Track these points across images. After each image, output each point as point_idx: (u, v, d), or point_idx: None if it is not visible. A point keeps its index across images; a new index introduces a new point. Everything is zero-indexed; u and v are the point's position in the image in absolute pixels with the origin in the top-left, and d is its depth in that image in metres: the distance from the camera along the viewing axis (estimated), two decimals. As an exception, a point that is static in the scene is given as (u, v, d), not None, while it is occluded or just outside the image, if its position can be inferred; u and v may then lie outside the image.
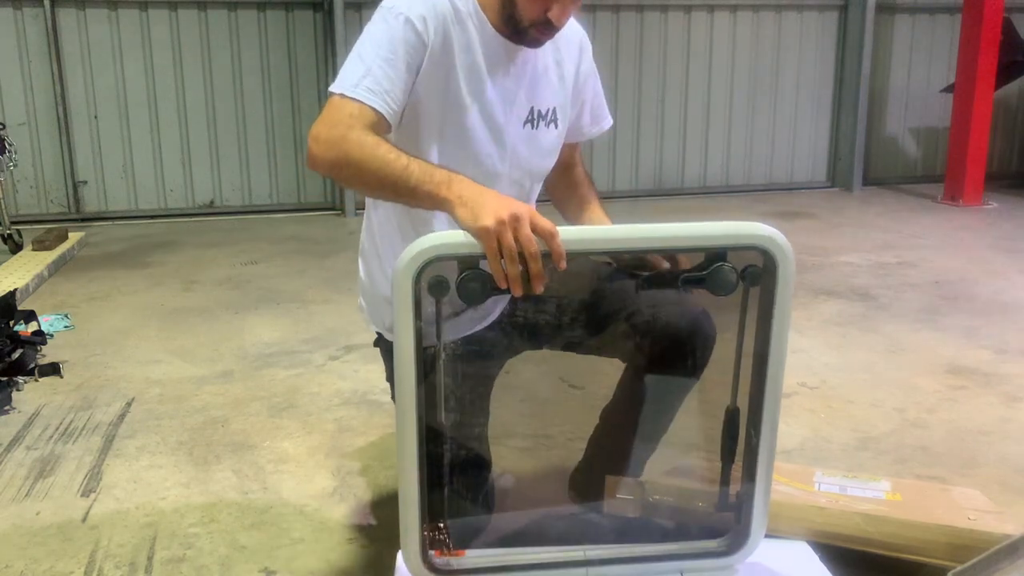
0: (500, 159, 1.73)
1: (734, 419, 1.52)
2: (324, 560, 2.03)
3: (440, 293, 1.34)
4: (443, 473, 1.55)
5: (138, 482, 2.46)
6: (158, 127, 6.64)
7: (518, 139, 1.74)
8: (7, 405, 2.96)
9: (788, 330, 1.45)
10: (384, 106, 1.54)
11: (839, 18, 7.91)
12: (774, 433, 1.48)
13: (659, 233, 1.39)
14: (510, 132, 1.72)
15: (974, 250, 5.45)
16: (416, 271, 1.32)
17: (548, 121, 1.78)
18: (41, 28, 6.30)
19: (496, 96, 1.69)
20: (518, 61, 1.70)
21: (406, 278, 1.32)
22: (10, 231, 5.31)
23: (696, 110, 7.73)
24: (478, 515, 1.72)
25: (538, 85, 1.75)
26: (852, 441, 2.68)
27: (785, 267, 1.40)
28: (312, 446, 2.67)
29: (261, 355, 3.53)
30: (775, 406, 1.46)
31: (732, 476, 1.55)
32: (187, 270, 5.03)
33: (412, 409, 1.39)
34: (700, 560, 1.56)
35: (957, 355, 3.45)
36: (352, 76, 1.55)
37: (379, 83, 1.54)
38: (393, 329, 1.35)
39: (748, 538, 1.54)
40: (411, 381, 1.38)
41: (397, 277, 1.33)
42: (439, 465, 1.53)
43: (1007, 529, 1.74)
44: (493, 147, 1.71)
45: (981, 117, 6.87)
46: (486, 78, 1.67)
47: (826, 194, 7.85)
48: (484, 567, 1.54)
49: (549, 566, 1.57)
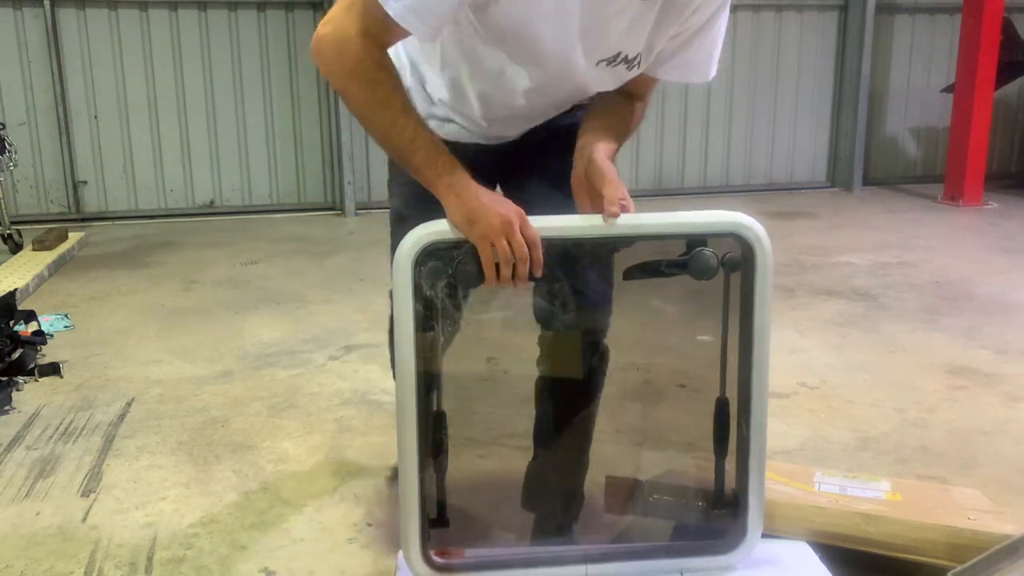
0: (556, 86, 1.57)
1: (724, 409, 1.54)
2: (324, 560, 2.03)
3: (437, 277, 1.40)
4: (444, 467, 1.53)
5: (138, 482, 2.46)
6: (158, 127, 6.64)
7: (587, 72, 1.53)
8: (7, 405, 2.96)
9: (769, 318, 1.47)
10: (426, 30, 1.34)
11: (839, 18, 7.90)
12: (764, 424, 1.49)
13: (640, 222, 1.43)
14: (582, 67, 1.51)
15: (974, 250, 5.45)
16: (415, 256, 1.37)
17: (631, 64, 1.54)
18: (41, 28, 6.30)
19: (582, 33, 1.44)
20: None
21: (406, 263, 1.36)
22: (10, 231, 5.31)
23: (696, 110, 7.73)
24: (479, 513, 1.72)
25: (635, 27, 1.46)
26: (852, 441, 2.68)
27: (762, 254, 1.44)
28: (312, 446, 2.67)
29: (261, 355, 3.53)
30: (762, 395, 1.48)
31: (727, 469, 1.57)
32: (187, 270, 5.03)
33: (412, 398, 1.40)
34: (700, 558, 1.56)
35: (957, 355, 3.45)
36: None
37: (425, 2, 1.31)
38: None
39: (746, 535, 1.54)
40: (411, 368, 1.39)
41: (398, 262, 1.38)
42: (440, 456, 1.52)
43: (1007, 529, 1.74)
44: (556, 75, 1.53)
45: (981, 117, 6.87)
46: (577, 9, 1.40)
47: (826, 194, 7.85)
48: (484, 564, 1.55)
49: (548, 563, 1.57)
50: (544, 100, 1.64)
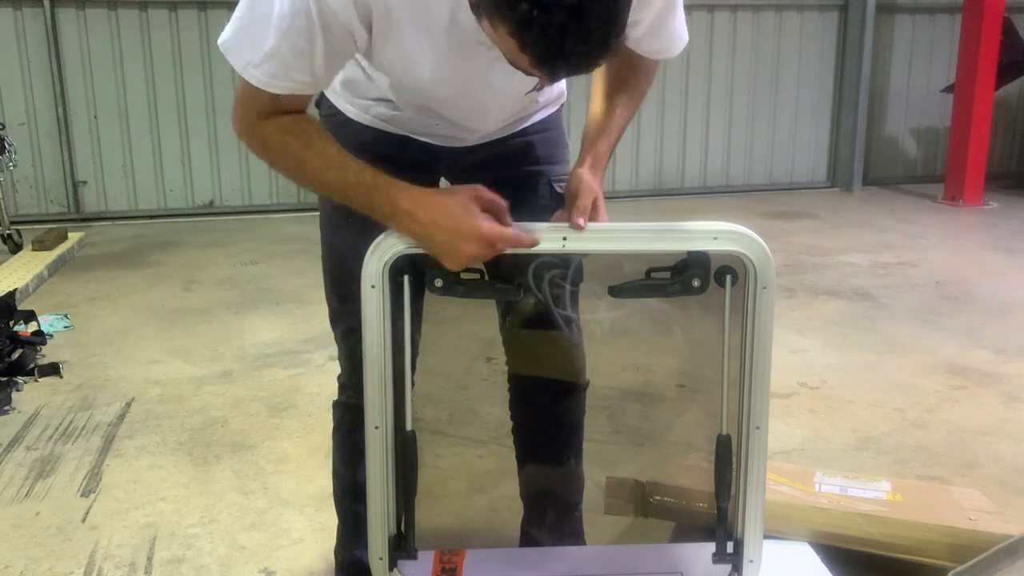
0: (469, 104, 1.48)
1: (726, 447, 1.38)
2: (324, 560, 2.03)
3: (407, 281, 1.34)
4: (412, 475, 1.45)
5: (138, 482, 2.45)
6: (158, 127, 6.63)
7: (497, 98, 1.47)
8: (7, 405, 2.96)
9: (770, 346, 1.32)
10: (301, 86, 1.29)
11: (839, 18, 7.90)
12: (763, 462, 1.36)
13: (632, 231, 1.32)
14: (482, 98, 1.46)
15: (974, 250, 5.45)
16: (386, 263, 1.32)
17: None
18: (41, 28, 6.29)
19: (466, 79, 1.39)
20: None
21: (377, 270, 1.32)
22: (10, 231, 5.31)
23: (696, 110, 7.73)
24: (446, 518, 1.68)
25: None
26: (852, 441, 2.68)
27: (764, 273, 1.29)
28: (312, 446, 2.67)
29: (261, 355, 3.52)
30: (762, 429, 1.34)
31: (730, 512, 1.42)
32: (187, 270, 5.03)
33: (379, 408, 1.37)
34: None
35: (957, 355, 3.45)
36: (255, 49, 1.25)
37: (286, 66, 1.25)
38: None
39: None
40: (379, 377, 1.35)
41: (369, 267, 1.32)
42: (409, 467, 1.44)
43: (1007, 529, 1.74)
44: (464, 100, 1.45)
45: (981, 117, 6.87)
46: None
47: (826, 194, 7.85)
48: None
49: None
50: (472, 110, 1.49)
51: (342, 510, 1.78)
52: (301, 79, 1.27)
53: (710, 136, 7.82)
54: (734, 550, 1.43)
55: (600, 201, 1.40)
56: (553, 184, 1.62)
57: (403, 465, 1.40)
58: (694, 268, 1.31)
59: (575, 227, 1.32)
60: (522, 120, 1.61)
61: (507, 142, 1.61)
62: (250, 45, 1.25)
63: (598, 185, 1.43)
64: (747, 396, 1.34)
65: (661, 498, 1.91)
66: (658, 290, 1.35)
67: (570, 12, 0.99)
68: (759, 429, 1.35)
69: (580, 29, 1.00)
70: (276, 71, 1.25)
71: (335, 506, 1.79)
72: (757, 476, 1.37)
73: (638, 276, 1.37)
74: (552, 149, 1.64)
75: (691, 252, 1.31)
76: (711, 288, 1.33)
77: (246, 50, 1.26)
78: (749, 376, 1.34)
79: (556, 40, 1.01)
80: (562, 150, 1.69)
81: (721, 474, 1.39)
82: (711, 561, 1.44)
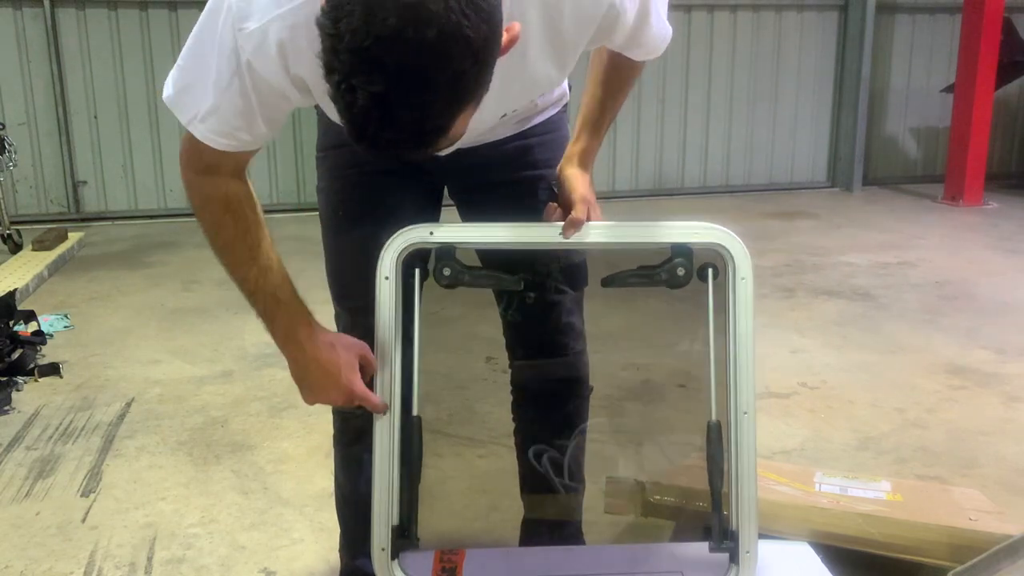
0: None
1: (717, 433, 1.43)
2: (324, 560, 2.03)
3: (416, 272, 1.41)
4: (416, 460, 1.46)
5: (138, 482, 2.46)
6: (158, 127, 6.63)
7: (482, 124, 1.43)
8: (7, 405, 2.96)
9: (752, 333, 1.41)
10: (249, 138, 1.30)
11: (839, 18, 7.90)
12: (752, 446, 1.41)
13: (620, 228, 1.43)
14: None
15: (974, 250, 5.45)
16: (400, 255, 1.38)
17: (531, 104, 1.51)
18: (41, 28, 6.29)
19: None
20: None
21: (391, 262, 1.38)
22: (10, 231, 5.31)
23: (696, 110, 7.73)
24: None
25: (505, 93, 1.26)
26: (852, 441, 2.68)
27: (741, 265, 1.40)
28: (312, 446, 2.67)
29: (261, 355, 3.52)
30: (750, 414, 1.41)
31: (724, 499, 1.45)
32: (187, 270, 5.02)
33: (388, 396, 1.40)
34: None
35: (957, 355, 3.45)
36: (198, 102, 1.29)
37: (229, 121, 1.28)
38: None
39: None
40: (389, 365, 1.40)
41: (384, 260, 1.39)
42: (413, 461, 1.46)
43: (1007, 529, 1.74)
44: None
45: (981, 117, 6.87)
46: None
47: (826, 194, 7.85)
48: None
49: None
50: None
51: (343, 519, 1.80)
52: (244, 137, 1.28)
53: (710, 136, 7.82)
54: (730, 537, 1.46)
55: (595, 210, 1.46)
56: (553, 188, 1.62)
57: (407, 450, 1.43)
58: (678, 258, 1.43)
59: (567, 234, 1.40)
60: (523, 122, 1.61)
61: (507, 144, 1.61)
62: (193, 102, 1.28)
63: (588, 187, 1.49)
64: (733, 382, 1.42)
65: (661, 498, 1.91)
66: (646, 279, 1.44)
67: (374, 98, 0.94)
68: (747, 414, 1.41)
69: (384, 116, 0.96)
70: (219, 128, 1.27)
71: (336, 513, 1.81)
72: (747, 460, 1.42)
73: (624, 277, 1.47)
74: (553, 152, 1.64)
75: (674, 244, 1.42)
76: (698, 286, 1.44)
77: (190, 105, 1.29)
78: (734, 363, 1.41)
79: (359, 121, 0.98)
80: (564, 153, 1.69)
81: (713, 459, 1.45)
82: (708, 550, 1.46)
